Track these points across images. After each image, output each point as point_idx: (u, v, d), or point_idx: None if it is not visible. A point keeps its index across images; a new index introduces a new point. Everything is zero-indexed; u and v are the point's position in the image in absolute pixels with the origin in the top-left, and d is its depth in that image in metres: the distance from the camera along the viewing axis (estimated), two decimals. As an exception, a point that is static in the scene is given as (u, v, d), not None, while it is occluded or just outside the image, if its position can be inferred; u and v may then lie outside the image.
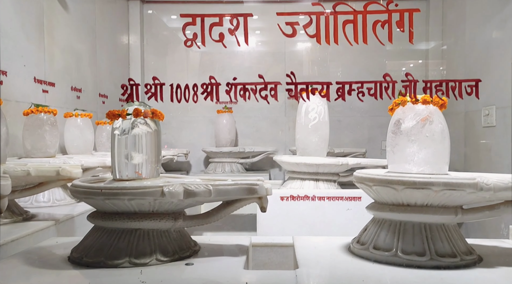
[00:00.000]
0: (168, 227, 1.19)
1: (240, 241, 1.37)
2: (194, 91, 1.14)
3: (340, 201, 2.36)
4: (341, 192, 2.38)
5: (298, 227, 2.32)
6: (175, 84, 1.14)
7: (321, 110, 2.62)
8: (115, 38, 4.15)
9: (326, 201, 2.36)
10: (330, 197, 2.36)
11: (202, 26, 1.13)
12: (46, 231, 1.66)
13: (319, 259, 1.19)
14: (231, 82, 1.14)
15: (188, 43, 1.11)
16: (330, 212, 2.34)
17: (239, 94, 1.17)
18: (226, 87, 1.13)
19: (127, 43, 4.40)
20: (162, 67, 4.61)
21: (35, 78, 2.62)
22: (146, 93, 1.13)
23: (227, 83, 1.12)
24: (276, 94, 1.21)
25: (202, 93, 1.12)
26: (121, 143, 1.21)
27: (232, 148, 4.13)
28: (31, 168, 1.63)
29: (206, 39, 1.12)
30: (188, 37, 1.12)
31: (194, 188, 1.14)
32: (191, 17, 1.11)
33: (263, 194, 1.20)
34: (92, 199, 1.13)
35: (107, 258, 1.11)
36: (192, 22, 1.12)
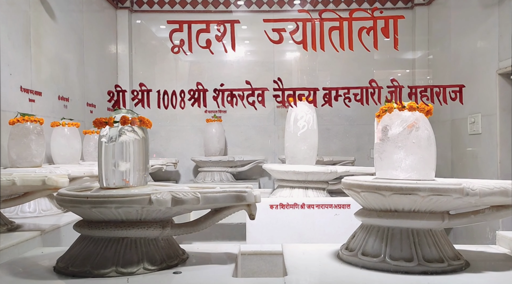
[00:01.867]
0: (156, 236, 1.18)
1: (229, 249, 1.37)
2: (181, 98, 1.13)
3: (329, 208, 2.36)
4: (330, 200, 2.39)
5: (288, 235, 2.32)
6: (162, 91, 1.14)
7: (309, 118, 2.63)
8: (103, 48, 4.14)
9: (316, 208, 2.36)
10: (319, 204, 2.37)
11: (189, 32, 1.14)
12: (31, 242, 1.62)
13: (308, 266, 1.19)
14: (218, 89, 1.15)
15: (175, 50, 1.12)
16: (320, 220, 2.34)
17: (227, 100, 1.17)
18: (213, 94, 1.13)
19: (115, 53, 4.39)
20: (150, 76, 4.61)
21: (22, 87, 2.59)
22: (133, 99, 1.13)
23: (215, 89, 1.13)
24: (264, 100, 1.22)
25: (189, 99, 1.12)
26: (108, 150, 1.20)
27: (222, 157, 4.12)
28: (17, 178, 1.60)
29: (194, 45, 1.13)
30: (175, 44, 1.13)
31: (182, 196, 1.14)
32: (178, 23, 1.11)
33: (251, 201, 1.20)
34: (79, 207, 1.11)
35: (94, 267, 1.09)
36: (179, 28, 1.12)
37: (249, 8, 4.61)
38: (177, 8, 4.57)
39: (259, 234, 2.32)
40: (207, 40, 1.11)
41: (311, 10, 1.18)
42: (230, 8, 4.64)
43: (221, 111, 4.47)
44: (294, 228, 2.38)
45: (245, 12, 4.63)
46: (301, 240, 2.28)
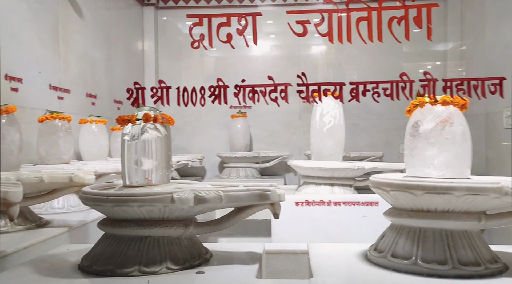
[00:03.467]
0: (178, 234, 1.16)
1: (253, 248, 1.34)
2: (201, 95, 1.11)
3: (356, 206, 2.30)
4: (357, 197, 2.32)
5: (314, 233, 2.27)
6: (182, 87, 1.11)
7: (336, 113, 2.57)
8: (130, 45, 4.18)
9: (342, 206, 2.30)
10: (346, 202, 2.30)
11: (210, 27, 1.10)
12: (59, 238, 1.65)
13: (335, 268, 1.14)
14: (239, 85, 1.11)
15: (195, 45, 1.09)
16: (346, 218, 2.28)
17: (248, 96, 1.14)
18: (234, 90, 1.10)
19: (141, 49, 4.43)
20: (176, 73, 4.62)
21: (51, 85, 2.64)
22: (152, 97, 1.11)
23: (235, 85, 1.09)
24: (287, 97, 1.17)
25: (209, 96, 1.09)
26: (130, 148, 1.19)
27: (247, 153, 4.10)
28: (44, 175, 1.63)
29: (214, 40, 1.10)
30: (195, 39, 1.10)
31: (205, 194, 1.11)
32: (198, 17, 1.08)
33: (275, 200, 1.17)
34: (102, 205, 1.11)
35: (117, 266, 1.08)
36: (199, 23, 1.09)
37: (275, 2, 4.56)
38: (202, 4, 4.56)
39: (284, 231, 2.28)
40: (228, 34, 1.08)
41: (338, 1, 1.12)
42: (256, 3, 4.59)
43: (246, 107, 4.44)
44: (320, 226, 2.32)
45: (271, 6, 4.57)
46: (327, 239, 2.23)
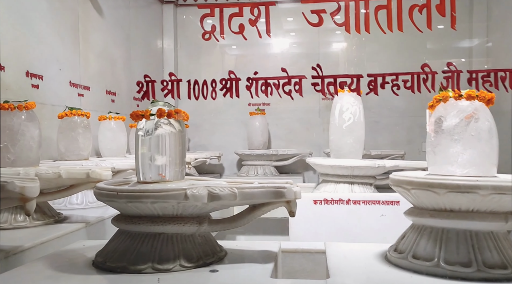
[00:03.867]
0: (192, 232, 1.14)
1: (268, 246, 1.31)
2: (212, 88, 1.08)
3: (376, 205, 2.24)
4: (377, 196, 2.27)
5: (332, 232, 2.22)
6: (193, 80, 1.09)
7: (356, 110, 2.51)
8: (149, 43, 4.21)
9: (362, 205, 2.25)
10: (366, 200, 2.25)
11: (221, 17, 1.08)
12: (76, 234, 1.66)
13: (353, 268, 1.10)
14: (251, 77, 1.08)
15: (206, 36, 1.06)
16: (366, 217, 2.23)
17: (261, 89, 1.11)
18: (246, 83, 1.07)
19: (161, 47, 4.45)
20: (196, 70, 4.62)
21: (71, 82, 2.67)
22: (163, 90, 1.09)
23: (248, 78, 1.06)
24: (301, 89, 1.14)
25: (221, 89, 1.06)
26: (144, 144, 1.18)
27: (265, 151, 4.07)
28: (62, 171, 1.64)
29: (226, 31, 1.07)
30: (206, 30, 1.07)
31: (219, 191, 1.09)
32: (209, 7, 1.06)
33: (291, 197, 1.13)
34: (115, 201, 1.10)
35: (130, 263, 1.07)
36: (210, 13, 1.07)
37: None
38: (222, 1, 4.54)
39: (302, 230, 2.25)
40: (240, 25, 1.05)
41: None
42: (275, 0, 4.55)
43: (264, 104, 4.42)
44: (338, 225, 2.27)
45: (291, 3, 4.52)
46: (346, 238, 2.18)
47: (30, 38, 2.29)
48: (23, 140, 1.72)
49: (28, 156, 1.74)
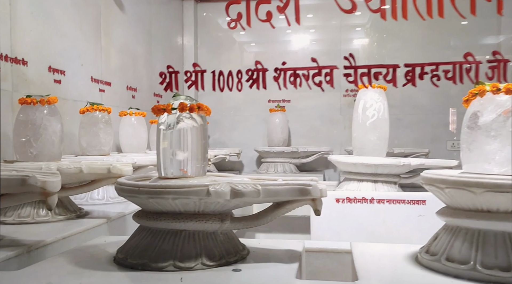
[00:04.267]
0: (214, 229, 1.11)
1: (292, 246, 1.27)
2: (238, 79, 1.04)
3: (401, 204, 2.17)
4: (403, 195, 2.20)
5: (356, 231, 2.16)
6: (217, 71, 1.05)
7: (380, 106, 2.44)
8: (170, 39, 4.20)
9: (386, 204, 2.18)
10: (391, 199, 2.18)
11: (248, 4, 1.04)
12: (98, 229, 1.65)
13: (382, 270, 1.05)
14: (279, 68, 1.04)
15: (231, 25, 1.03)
16: (390, 216, 2.16)
17: (289, 81, 1.06)
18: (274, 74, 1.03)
19: (181, 44, 4.44)
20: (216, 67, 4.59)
21: (92, 77, 2.68)
22: (186, 81, 1.07)
23: (275, 68, 1.02)
24: (332, 81, 1.09)
25: (247, 80, 1.02)
26: (166, 138, 1.16)
27: (285, 148, 4.02)
28: (84, 165, 1.63)
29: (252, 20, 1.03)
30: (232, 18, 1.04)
31: (242, 188, 1.06)
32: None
33: (317, 195, 1.09)
34: (136, 197, 1.08)
35: (151, 260, 1.05)
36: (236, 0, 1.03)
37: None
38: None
39: (324, 229, 2.20)
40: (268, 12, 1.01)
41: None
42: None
43: (284, 101, 4.37)
44: (362, 224, 2.21)
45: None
46: (370, 238, 2.12)
47: (53, 33, 2.30)
48: (45, 134, 1.72)
49: (50, 150, 1.74)
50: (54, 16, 2.31)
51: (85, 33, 2.61)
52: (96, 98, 2.67)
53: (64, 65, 2.38)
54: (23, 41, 2.05)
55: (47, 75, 2.24)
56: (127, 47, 3.22)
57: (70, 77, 2.43)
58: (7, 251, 1.21)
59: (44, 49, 2.23)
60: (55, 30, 2.32)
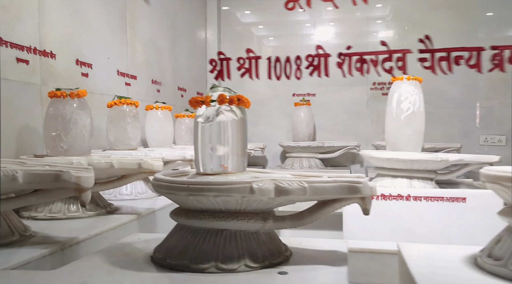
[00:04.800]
0: (256, 229, 1.04)
1: (335, 246, 1.20)
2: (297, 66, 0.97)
3: (440, 202, 2.07)
4: (441, 192, 2.09)
5: (390, 230, 2.07)
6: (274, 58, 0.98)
7: (415, 99, 2.34)
8: (193, 32, 4.15)
9: (424, 201, 2.08)
10: (428, 197, 2.08)
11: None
12: (129, 225, 1.61)
13: (441, 275, 0.97)
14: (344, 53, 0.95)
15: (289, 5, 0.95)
16: (428, 214, 2.06)
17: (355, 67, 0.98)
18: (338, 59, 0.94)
19: (204, 38, 4.39)
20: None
21: (118, 71, 2.65)
22: (239, 69, 0.99)
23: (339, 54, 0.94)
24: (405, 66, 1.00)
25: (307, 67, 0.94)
26: (205, 131, 1.09)
27: (311, 142, 3.94)
28: (114, 160, 1.59)
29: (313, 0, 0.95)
30: None
31: (287, 185, 0.99)
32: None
33: (367, 193, 1.01)
34: (175, 194, 1.02)
35: (192, 261, 0.99)
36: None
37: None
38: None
39: (357, 227, 2.11)
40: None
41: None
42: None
43: (309, 95, 4.28)
44: (397, 223, 2.12)
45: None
46: (406, 237, 2.03)
47: (80, 25, 2.26)
48: (75, 129, 1.69)
49: (81, 145, 1.71)
50: (81, 8, 2.28)
51: (111, 26, 2.58)
52: (122, 92, 2.63)
53: (91, 58, 2.35)
54: (51, 34, 2.02)
55: (74, 68, 2.22)
56: (152, 41, 3.18)
57: (97, 71, 2.40)
58: (41, 248, 1.18)
59: (71, 42, 2.19)
60: (82, 22, 2.29)
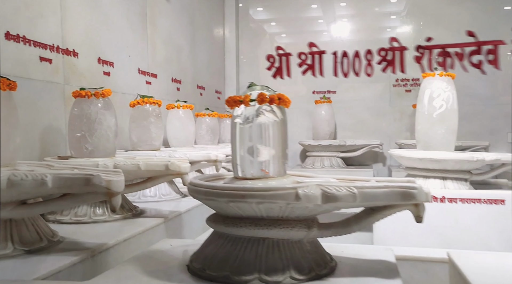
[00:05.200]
0: (300, 237, 0.97)
1: (380, 254, 1.12)
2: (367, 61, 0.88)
3: (476, 204, 1.97)
4: (478, 193, 1.99)
5: (424, 234, 1.98)
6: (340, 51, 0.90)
7: (449, 96, 2.24)
8: (212, 30, 4.09)
9: (459, 203, 1.98)
10: (464, 198, 1.98)
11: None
12: (156, 229, 1.56)
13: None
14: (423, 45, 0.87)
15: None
16: (465, 217, 1.97)
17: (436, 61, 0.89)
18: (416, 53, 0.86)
19: (222, 35, 4.33)
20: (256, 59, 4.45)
21: (139, 69, 2.60)
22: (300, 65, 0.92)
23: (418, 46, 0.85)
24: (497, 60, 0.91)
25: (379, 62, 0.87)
26: (244, 133, 1.02)
27: (332, 141, 3.85)
28: (141, 162, 1.54)
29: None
30: None
31: (335, 191, 0.92)
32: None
33: (422, 200, 0.94)
34: (214, 200, 0.95)
35: (233, 272, 0.93)
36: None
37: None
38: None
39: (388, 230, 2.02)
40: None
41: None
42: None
43: (330, 92, 4.19)
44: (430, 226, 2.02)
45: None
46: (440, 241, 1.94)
47: (101, 23, 2.21)
48: (100, 129, 1.64)
49: (106, 146, 1.65)
50: (101, 5, 2.23)
51: (132, 23, 2.53)
52: (143, 90, 2.58)
53: (113, 56, 2.30)
54: (73, 31, 1.97)
55: (96, 67, 2.17)
56: (172, 38, 3.12)
57: (118, 69, 2.35)
58: (70, 256, 1.12)
59: (93, 40, 2.15)
60: (103, 20, 2.24)
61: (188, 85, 3.39)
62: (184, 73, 3.31)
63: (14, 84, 1.20)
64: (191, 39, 3.48)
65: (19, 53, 1.65)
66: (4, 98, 1.16)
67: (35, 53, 1.74)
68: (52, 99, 1.83)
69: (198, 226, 1.85)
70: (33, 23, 1.73)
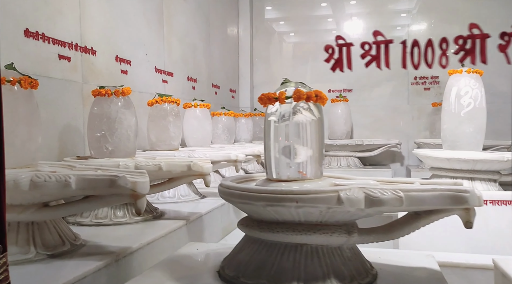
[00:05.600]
0: (340, 243, 0.91)
1: (422, 260, 1.06)
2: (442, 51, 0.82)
3: (508, 206, 1.89)
4: (508, 195, 1.91)
5: (450, 237, 1.90)
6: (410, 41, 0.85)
7: (477, 94, 2.15)
8: (226, 28, 4.04)
9: (489, 205, 1.90)
10: (494, 200, 1.90)
11: None
12: (178, 232, 1.51)
13: None
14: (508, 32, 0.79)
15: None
16: (494, 219, 1.88)
17: None
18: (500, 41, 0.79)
19: (236, 33, 4.27)
20: (267, 57, 4.40)
21: (156, 67, 2.55)
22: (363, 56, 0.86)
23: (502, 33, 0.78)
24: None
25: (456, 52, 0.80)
26: (279, 131, 0.97)
27: (349, 140, 3.77)
28: (162, 162, 1.49)
29: None
30: None
31: (379, 194, 0.85)
32: None
33: (474, 204, 0.88)
34: (250, 204, 0.89)
35: (270, 280, 0.87)
36: None
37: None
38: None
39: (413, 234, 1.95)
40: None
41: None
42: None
43: (346, 90, 4.12)
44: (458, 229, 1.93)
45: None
46: (468, 245, 1.86)
47: (118, 21, 2.17)
48: (120, 129, 1.59)
49: (126, 146, 1.61)
50: (119, 2, 2.18)
51: (148, 21, 2.48)
52: (159, 89, 2.54)
53: (130, 54, 2.26)
54: (91, 29, 1.93)
55: (114, 65, 2.12)
56: (187, 36, 3.08)
57: (135, 68, 2.31)
58: (94, 260, 1.08)
59: (111, 38, 2.10)
60: (120, 17, 2.19)
61: (203, 84, 3.34)
62: (199, 72, 3.26)
63: (36, 82, 1.15)
64: (206, 37, 3.43)
65: (38, 51, 1.61)
66: (26, 97, 1.12)
67: (54, 51, 1.70)
68: (70, 98, 1.79)
69: (219, 228, 1.80)
70: (52, 21, 1.69)
